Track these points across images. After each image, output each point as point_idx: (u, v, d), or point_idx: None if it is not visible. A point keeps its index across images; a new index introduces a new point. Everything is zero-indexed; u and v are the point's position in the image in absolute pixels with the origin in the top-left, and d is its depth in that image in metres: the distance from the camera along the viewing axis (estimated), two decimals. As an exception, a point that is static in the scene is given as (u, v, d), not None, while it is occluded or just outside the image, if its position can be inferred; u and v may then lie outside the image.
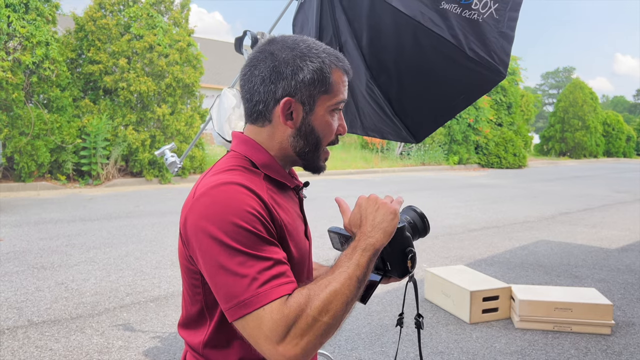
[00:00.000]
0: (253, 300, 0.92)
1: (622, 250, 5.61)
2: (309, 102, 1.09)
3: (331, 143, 1.16)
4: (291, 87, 1.08)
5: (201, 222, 0.97)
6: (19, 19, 9.19)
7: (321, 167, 1.19)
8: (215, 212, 0.96)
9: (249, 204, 0.97)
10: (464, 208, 8.53)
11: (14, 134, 9.29)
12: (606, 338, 3.20)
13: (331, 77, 1.10)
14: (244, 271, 0.93)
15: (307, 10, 2.29)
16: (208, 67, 14.67)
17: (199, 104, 12.20)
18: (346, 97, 1.14)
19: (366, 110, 2.42)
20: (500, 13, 1.88)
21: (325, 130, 1.13)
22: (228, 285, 0.94)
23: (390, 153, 18.99)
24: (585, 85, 29.80)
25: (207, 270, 0.97)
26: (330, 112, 1.12)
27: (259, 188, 1.04)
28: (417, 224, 1.22)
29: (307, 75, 1.08)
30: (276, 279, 0.94)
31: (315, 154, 1.15)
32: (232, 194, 0.98)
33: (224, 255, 0.94)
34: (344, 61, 1.14)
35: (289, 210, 1.12)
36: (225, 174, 1.05)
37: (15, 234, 5.65)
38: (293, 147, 1.13)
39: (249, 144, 1.14)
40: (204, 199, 0.99)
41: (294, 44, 1.10)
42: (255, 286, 0.92)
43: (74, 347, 2.90)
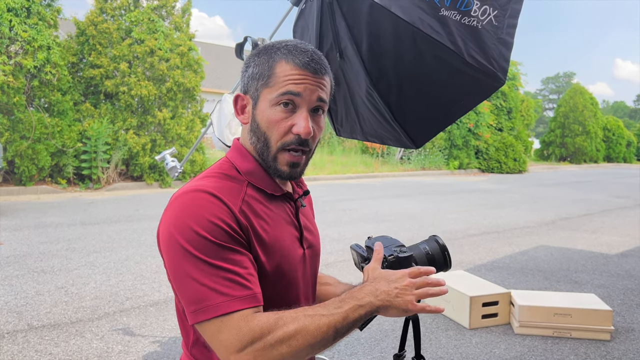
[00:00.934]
0: (210, 308, 0.94)
1: (622, 255, 5.61)
2: (254, 97, 1.10)
3: (288, 144, 1.07)
4: (244, 83, 1.12)
5: (167, 227, 1.00)
6: (20, 23, 9.22)
7: (279, 171, 1.10)
8: (180, 219, 0.99)
9: (212, 213, 0.98)
10: (464, 213, 8.53)
11: (14, 137, 9.30)
12: (606, 344, 3.20)
13: (273, 69, 1.07)
14: (204, 280, 0.95)
15: (307, 17, 2.30)
16: (209, 72, 14.70)
17: (200, 109, 12.22)
18: (297, 91, 1.05)
19: (366, 116, 2.43)
20: (499, 20, 1.90)
21: (268, 125, 1.07)
22: (189, 291, 0.96)
23: (391, 158, 19.00)
24: (586, 91, 29.84)
25: (172, 275, 1.00)
26: (273, 105, 1.06)
27: (231, 196, 1.04)
28: (436, 257, 1.12)
29: (252, 70, 1.11)
30: (235, 291, 0.95)
31: (269, 154, 1.09)
32: (197, 202, 1.00)
33: (186, 262, 0.96)
34: (300, 55, 1.07)
35: (272, 218, 1.11)
36: (201, 181, 1.06)
37: (15, 237, 5.65)
38: (253, 145, 1.12)
39: (239, 150, 1.15)
40: (173, 206, 1.02)
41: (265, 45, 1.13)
42: (213, 295, 0.94)
43: (74, 352, 2.90)
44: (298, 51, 1.07)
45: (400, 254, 1.08)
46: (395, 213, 8.33)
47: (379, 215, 8.08)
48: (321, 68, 1.09)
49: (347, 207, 8.82)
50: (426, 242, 1.16)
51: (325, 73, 1.10)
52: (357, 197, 10.50)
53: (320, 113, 1.11)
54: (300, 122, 1.06)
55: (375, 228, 6.85)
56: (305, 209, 1.28)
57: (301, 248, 1.18)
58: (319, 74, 1.08)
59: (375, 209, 8.72)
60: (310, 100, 1.07)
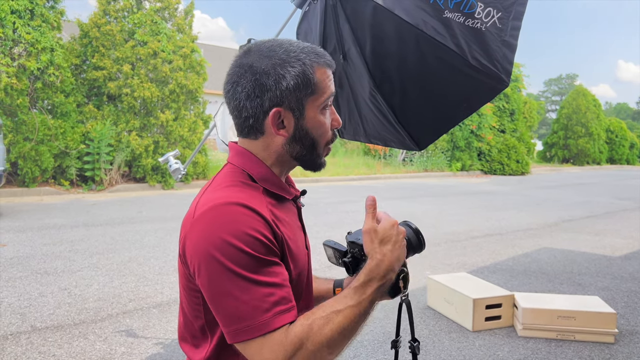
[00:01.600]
0: (254, 327, 0.92)
1: (625, 258, 5.59)
2: (298, 108, 1.07)
3: (330, 141, 1.15)
4: (277, 97, 1.05)
5: (202, 244, 0.96)
6: (24, 25, 9.25)
7: (321, 164, 1.17)
8: (216, 234, 0.95)
9: (250, 226, 0.96)
10: (466, 215, 8.52)
11: (18, 139, 9.33)
12: (610, 347, 3.19)
13: (315, 77, 1.07)
14: (245, 297, 0.93)
15: (310, 19, 2.31)
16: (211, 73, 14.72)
17: (203, 110, 12.24)
18: (334, 90, 1.12)
19: (369, 118, 2.43)
20: (503, 22, 1.90)
21: (319, 130, 1.11)
22: (229, 309, 0.94)
23: (393, 159, 18.99)
24: (588, 92, 29.79)
25: (208, 292, 0.96)
26: (323, 110, 1.11)
27: (260, 205, 1.02)
28: (412, 240, 1.18)
29: (291, 82, 1.05)
30: (278, 306, 0.94)
31: (314, 153, 1.13)
32: (232, 215, 0.96)
33: (226, 279, 0.93)
34: (324, 56, 1.11)
35: (289, 223, 1.11)
36: (225, 191, 1.03)
37: (18, 239, 5.67)
38: (290, 153, 1.11)
39: (246, 156, 1.12)
40: (204, 219, 0.98)
41: (270, 51, 1.07)
42: (257, 313, 0.92)
43: (77, 353, 2.90)
44: (319, 53, 1.11)
45: None
46: (398, 215, 8.28)
47: (382, 217, 8.06)
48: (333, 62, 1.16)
49: (349, 209, 8.81)
50: None
51: None
52: (360, 199, 10.49)
53: None
54: (335, 117, 1.15)
55: (378, 230, 6.83)
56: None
57: (306, 250, 1.19)
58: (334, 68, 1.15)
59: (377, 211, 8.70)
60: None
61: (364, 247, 1.06)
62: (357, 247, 1.14)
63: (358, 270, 1.19)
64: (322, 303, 1.01)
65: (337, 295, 1.01)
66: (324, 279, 1.41)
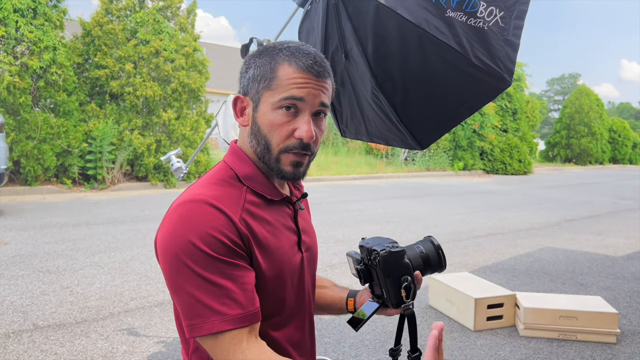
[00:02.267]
0: (205, 326, 0.94)
1: (627, 258, 5.58)
2: (255, 99, 1.07)
3: (291, 147, 1.06)
4: (244, 85, 1.09)
5: (166, 239, 0.98)
6: (27, 24, 9.27)
7: (283, 172, 1.08)
8: (178, 231, 0.96)
9: (213, 226, 0.96)
10: (468, 214, 8.51)
11: (20, 137, 9.35)
12: (612, 347, 3.18)
13: (275, 72, 1.04)
14: (201, 296, 0.94)
15: (312, 18, 2.31)
16: (214, 73, 14.73)
17: (205, 109, 12.25)
18: (299, 96, 1.03)
19: (371, 117, 2.43)
20: (505, 21, 1.89)
21: (270, 129, 1.05)
22: (185, 305, 0.96)
23: (395, 159, 18.99)
24: (591, 92, 29.72)
25: (170, 286, 0.99)
26: (275, 109, 1.04)
27: (231, 205, 1.02)
28: (430, 257, 1.12)
29: (253, 71, 1.07)
30: (231, 309, 0.94)
31: (270, 156, 1.07)
32: (198, 214, 0.97)
33: (184, 276, 0.95)
34: (303, 57, 1.05)
35: (272, 224, 1.09)
36: (202, 189, 1.04)
37: (21, 237, 5.68)
38: (252, 148, 1.10)
39: (237, 154, 1.13)
40: (172, 215, 1.00)
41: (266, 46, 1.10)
42: (208, 312, 0.94)
43: (79, 352, 2.91)
44: (301, 53, 1.05)
45: (392, 248, 1.06)
46: (400, 214, 8.32)
47: (384, 216, 8.07)
48: (324, 71, 1.07)
49: (351, 208, 8.81)
50: (421, 243, 1.17)
51: (327, 76, 1.08)
52: (362, 198, 10.49)
53: (322, 116, 1.09)
54: (302, 127, 1.04)
55: (380, 229, 6.84)
56: (303, 212, 1.25)
57: (300, 252, 1.17)
58: (321, 77, 1.06)
59: (379, 210, 8.71)
60: (312, 104, 1.05)
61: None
62: (365, 251, 1.11)
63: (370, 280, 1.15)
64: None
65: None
66: (340, 288, 1.39)
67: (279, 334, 1.11)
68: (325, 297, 1.36)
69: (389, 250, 1.06)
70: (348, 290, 1.37)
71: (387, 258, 1.06)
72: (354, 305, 1.31)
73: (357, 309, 1.29)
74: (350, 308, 1.32)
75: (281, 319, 1.11)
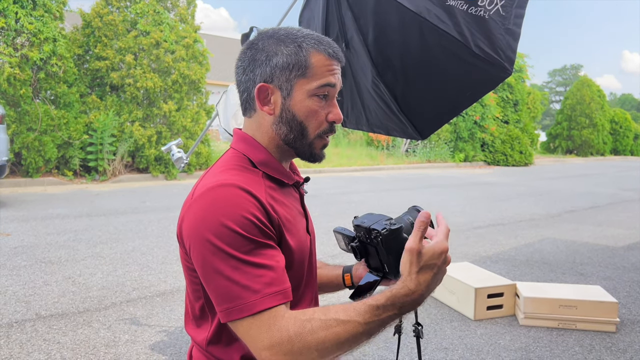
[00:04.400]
0: (244, 307, 0.93)
1: (628, 248, 5.59)
2: (286, 87, 1.08)
3: (324, 132, 1.11)
4: (267, 73, 1.08)
5: (197, 224, 0.98)
6: (26, 15, 9.23)
7: (316, 155, 1.14)
8: (211, 215, 0.96)
9: (245, 208, 0.97)
10: (469, 205, 8.52)
11: (21, 129, 9.35)
12: (611, 335, 3.20)
13: (309, 60, 1.07)
14: (237, 277, 0.94)
15: (313, 7, 2.30)
16: (214, 64, 14.68)
17: (205, 101, 12.23)
18: (334, 82, 1.09)
19: (372, 107, 2.43)
20: (506, 10, 1.89)
21: (307, 115, 1.09)
22: (221, 289, 0.95)
23: (396, 150, 18.97)
24: (593, 83, 29.61)
25: (202, 272, 0.98)
26: (311, 97, 1.08)
27: (257, 188, 1.03)
28: None
29: (281, 59, 1.07)
30: (268, 287, 0.94)
31: (304, 141, 1.11)
32: (228, 197, 0.98)
33: (218, 260, 0.95)
34: (328, 45, 1.09)
35: (289, 207, 1.12)
36: (224, 174, 1.05)
37: (22, 228, 5.70)
38: (279, 135, 1.11)
39: (247, 141, 1.14)
40: (201, 201, 1.00)
41: (275, 32, 1.11)
42: (247, 293, 0.93)
43: (82, 341, 2.93)
44: (324, 42, 1.10)
45: (392, 226, 1.09)
46: (401, 205, 8.33)
47: (384, 207, 8.09)
48: (342, 56, 1.14)
49: (352, 200, 8.82)
50: (408, 213, 1.21)
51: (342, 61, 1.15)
52: (363, 190, 10.50)
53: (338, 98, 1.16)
54: (334, 110, 1.11)
55: (381, 220, 6.84)
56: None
57: (308, 235, 1.20)
58: (341, 62, 1.13)
59: (380, 202, 8.72)
60: (338, 89, 1.12)
61: (401, 266, 0.96)
62: (362, 230, 1.14)
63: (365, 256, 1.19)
64: (328, 306, 0.97)
65: (350, 304, 0.96)
66: (333, 266, 1.42)
67: None
68: (321, 276, 1.38)
69: (389, 229, 1.08)
70: (342, 267, 1.39)
71: (388, 236, 1.08)
72: (351, 279, 1.35)
73: (355, 282, 1.33)
74: (347, 283, 1.35)
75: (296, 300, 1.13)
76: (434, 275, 0.96)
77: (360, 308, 0.94)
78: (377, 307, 0.93)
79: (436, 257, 0.95)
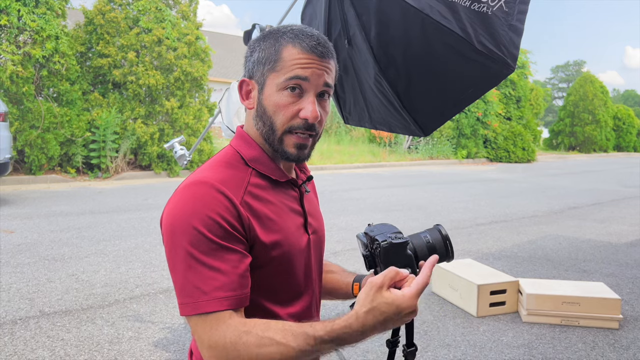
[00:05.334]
0: (192, 305, 0.97)
1: (631, 245, 5.58)
2: (261, 82, 1.09)
3: (294, 127, 1.07)
4: (250, 68, 1.12)
5: (168, 218, 1.02)
6: (29, 12, 9.24)
7: (287, 154, 1.09)
8: (181, 212, 1.00)
9: (212, 209, 0.99)
10: (472, 202, 8.51)
11: (24, 127, 9.37)
12: (614, 332, 3.20)
13: (280, 54, 1.06)
14: (190, 275, 0.98)
15: (315, 4, 2.30)
16: (216, 61, 14.69)
17: (207, 98, 12.23)
18: (304, 75, 1.05)
19: (374, 104, 2.43)
20: (509, 6, 1.88)
21: (275, 110, 1.07)
22: (177, 283, 1.00)
23: (398, 147, 18.95)
24: (596, 79, 29.51)
25: (168, 263, 1.03)
26: (279, 90, 1.06)
27: (235, 188, 1.04)
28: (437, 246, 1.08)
29: (258, 54, 1.10)
30: (218, 291, 0.96)
31: (274, 137, 1.09)
32: (199, 196, 1.00)
33: (179, 255, 0.99)
34: (306, 38, 1.06)
35: (276, 205, 1.11)
36: (206, 172, 1.07)
37: (26, 226, 5.71)
38: (259, 131, 1.12)
39: (243, 138, 1.15)
40: (177, 196, 1.04)
41: (270, 29, 1.12)
42: (196, 293, 0.97)
43: (85, 338, 2.94)
44: (304, 35, 1.07)
45: (394, 240, 1.04)
46: (403, 202, 8.32)
47: (387, 204, 8.08)
48: (327, 52, 1.09)
49: (354, 197, 8.82)
50: (428, 231, 1.13)
51: (331, 57, 1.10)
52: (365, 187, 10.50)
53: (327, 97, 1.11)
54: (307, 107, 1.06)
55: (383, 217, 6.86)
56: (309, 195, 1.28)
57: (306, 234, 1.19)
58: (325, 57, 1.08)
59: (382, 199, 8.72)
60: (317, 85, 1.07)
61: (358, 296, 0.94)
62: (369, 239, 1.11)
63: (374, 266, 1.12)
64: (270, 322, 0.96)
65: (290, 325, 0.95)
66: (348, 273, 1.40)
67: (282, 311, 1.13)
68: (332, 281, 1.37)
69: (390, 242, 1.04)
70: (355, 275, 1.38)
71: (387, 249, 1.05)
72: (359, 289, 1.32)
73: None
74: (355, 292, 1.34)
75: (287, 297, 1.14)
76: (383, 323, 0.92)
77: (297, 333, 0.92)
78: (315, 338, 0.92)
79: (392, 310, 0.91)
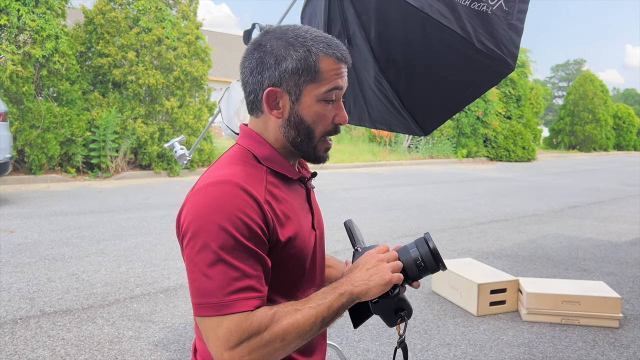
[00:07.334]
0: (215, 305, 0.95)
1: (631, 243, 5.58)
2: (295, 92, 1.08)
3: (329, 133, 1.13)
4: (275, 77, 1.08)
5: (191, 217, 1.00)
6: (28, 12, 9.23)
7: (319, 157, 1.16)
8: (205, 211, 0.99)
9: (239, 208, 0.98)
10: (472, 201, 8.51)
11: (24, 127, 9.37)
12: (614, 331, 3.20)
13: (318, 65, 1.07)
14: (214, 274, 0.96)
15: (315, 3, 2.30)
16: (216, 60, 14.68)
17: (207, 97, 12.23)
18: (342, 85, 1.10)
19: (374, 103, 2.43)
20: (509, 5, 1.88)
21: (315, 120, 1.10)
22: (197, 282, 0.98)
23: (398, 146, 18.95)
24: (596, 78, 29.50)
25: (186, 262, 1.01)
26: (319, 101, 1.09)
27: (257, 186, 1.04)
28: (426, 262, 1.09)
29: (291, 64, 1.07)
30: (243, 292, 0.96)
31: (310, 144, 1.12)
32: (225, 195, 0.99)
33: (202, 254, 0.97)
34: (337, 48, 1.09)
35: (291, 203, 1.13)
36: (226, 169, 1.06)
37: (26, 225, 5.72)
38: (286, 138, 1.12)
39: (252, 137, 1.15)
40: (199, 195, 1.02)
41: (282, 33, 1.09)
42: (221, 293, 0.95)
43: (86, 337, 2.95)
44: (333, 44, 1.10)
45: (386, 297, 1.07)
46: (403, 201, 8.32)
47: (387, 203, 8.09)
48: (349, 58, 1.15)
49: (354, 196, 8.82)
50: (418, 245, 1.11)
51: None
52: (365, 186, 10.50)
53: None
54: (341, 113, 1.13)
55: (383, 217, 6.86)
56: (312, 191, 1.29)
57: (313, 231, 1.20)
58: (348, 64, 1.13)
59: (382, 198, 8.72)
60: (344, 90, 1.14)
61: None
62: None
63: None
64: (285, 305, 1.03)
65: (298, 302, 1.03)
66: (343, 264, 1.43)
67: None
68: (330, 276, 1.38)
69: (379, 300, 1.07)
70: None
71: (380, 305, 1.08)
72: None
73: None
74: None
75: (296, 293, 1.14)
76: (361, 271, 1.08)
77: (312, 296, 1.05)
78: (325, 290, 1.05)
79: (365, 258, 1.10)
